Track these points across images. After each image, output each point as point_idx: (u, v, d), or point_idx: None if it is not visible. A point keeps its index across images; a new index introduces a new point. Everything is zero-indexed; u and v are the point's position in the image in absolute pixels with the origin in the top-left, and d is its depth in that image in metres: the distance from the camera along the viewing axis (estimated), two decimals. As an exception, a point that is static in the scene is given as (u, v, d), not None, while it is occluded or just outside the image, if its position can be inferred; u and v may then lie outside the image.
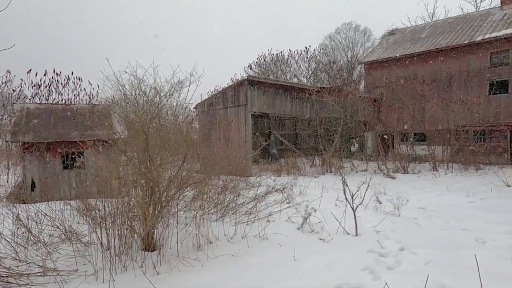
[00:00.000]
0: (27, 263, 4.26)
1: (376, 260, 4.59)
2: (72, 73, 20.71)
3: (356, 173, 14.87)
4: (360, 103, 18.17)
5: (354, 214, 5.96)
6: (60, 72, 20.20)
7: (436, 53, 18.67)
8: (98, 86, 18.79)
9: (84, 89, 21.41)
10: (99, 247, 4.64)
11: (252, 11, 67.88)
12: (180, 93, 5.49)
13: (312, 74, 31.69)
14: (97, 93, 20.33)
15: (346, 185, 6.23)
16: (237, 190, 7.91)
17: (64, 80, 20.43)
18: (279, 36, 54.69)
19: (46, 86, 19.85)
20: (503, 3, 19.06)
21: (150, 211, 4.77)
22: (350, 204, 6.08)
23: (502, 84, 16.79)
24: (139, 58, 5.21)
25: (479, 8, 32.03)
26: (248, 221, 6.24)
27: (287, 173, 14.84)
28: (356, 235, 5.71)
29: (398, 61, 20.10)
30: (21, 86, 19.05)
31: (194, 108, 18.43)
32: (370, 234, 5.77)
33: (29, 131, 10.54)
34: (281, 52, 31.69)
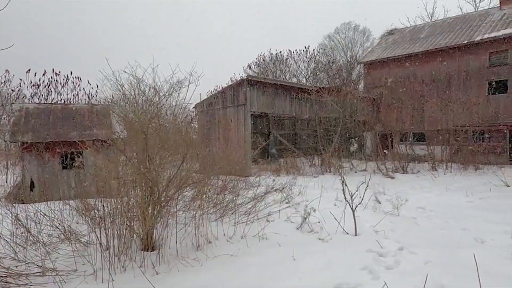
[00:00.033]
0: (26, 263, 4.25)
1: (375, 260, 4.60)
2: (71, 73, 20.72)
3: (355, 173, 14.89)
4: (359, 103, 18.19)
5: (353, 214, 5.97)
6: (59, 72, 20.20)
7: (435, 53, 18.68)
8: (97, 86, 18.76)
9: (83, 89, 21.34)
10: (98, 247, 4.64)
11: (252, 11, 67.93)
12: (180, 93, 5.51)
13: (312, 74, 31.70)
14: (96, 93, 20.34)
15: (345, 185, 6.24)
16: (237, 190, 7.91)
17: (63, 80, 20.43)
18: (279, 36, 54.75)
19: (45, 86, 19.84)
20: (502, 3, 19.08)
21: (149, 211, 4.77)
22: (349, 204, 6.09)
23: (501, 84, 16.81)
24: (139, 58, 5.22)
25: (478, 8, 32.10)
26: (248, 221, 6.24)
27: (287, 173, 14.84)
28: (355, 235, 5.72)
29: (397, 61, 20.12)
30: (20, 86, 19.05)
31: (194, 108, 18.42)
32: (369, 234, 5.78)
33: (28, 131, 10.52)
34: (280, 52, 31.73)
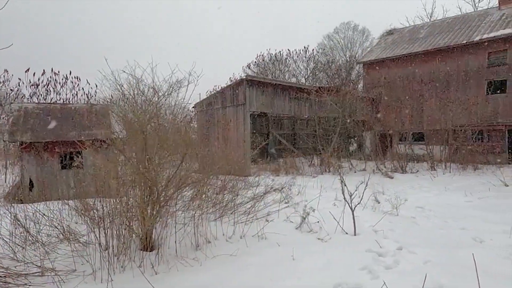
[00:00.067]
0: (25, 263, 4.24)
1: (375, 260, 4.60)
2: (70, 73, 20.72)
3: (355, 173, 14.90)
4: (359, 103, 18.19)
5: (353, 214, 5.97)
6: (58, 72, 20.18)
7: (434, 53, 18.70)
8: (96, 86, 18.74)
9: (82, 89, 21.35)
10: (97, 247, 4.64)
11: (252, 11, 67.88)
12: (179, 93, 5.50)
13: (311, 74, 31.71)
14: (95, 93, 20.32)
15: (345, 185, 6.24)
16: (236, 190, 7.91)
17: (62, 80, 20.41)
18: (279, 36, 54.73)
19: (44, 86, 19.82)
20: (501, 3, 19.11)
21: (149, 211, 4.77)
22: (349, 204, 6.09)
23: (500, 84, 16.84)
24: (139, 58, 5.21)
25: (477, 8, 32.17)
26: (247, 221, 6.24)
27: (286, 173, 14.85)
28: (355, 235, 5.72)
29: (397, 61, 20.13)
30: (19, 86, 19.03)
31: (193, 108, 18.41)
32: (369, 234, 5.78)
33: (27, 131, 10.50)
34: (280, 52, 31.72)
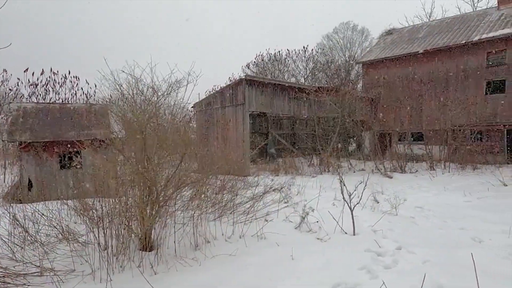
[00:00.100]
0: (24, 263, 4.24)
1: (374, 260, 4.60)
2: (69, 72, 20.69)
3: (354, 173, 14.91)
4: (358, 103, 18.21)
5: (352, 214, 5.97)
6: (57, 71, 20.16)
7: (434, 53, 18.72)
8: (96, 86, 18.74)
9: (82, 89, 21.33)
10: (97, 247, 4.64)
11: (252, 11, 67.88)
12: (178, 93, 5.49)
13: (310, 74, 31.69)
14: (95, 93, 20.31)
15: (344, 185, 6.24)
16: (235, 190, 7.90)
17: (61, 79, 20.39)
18: (279, 36, 54.71)
19: (43, 85, 19.80)
20: (500, 3, 19.13)
21: (148, 211, 4.76)
22: (348, 204, 6.09)
23: (499, 84, 16.86)
24: (139, 58, 5.20)
25: (476, 8, 32.21)
26: (246, 221, 6.23)
27: (285, 173, 14.85)
28: (354, 235, 5.73)
29: (396, 61, 20.15)
30: (18, 85, 19.00)
31: (192, 108, 18.40)
32: (368, 234, 5.78)
33: (26, 131, 10.49)
34: (279, 52, 31.71)
